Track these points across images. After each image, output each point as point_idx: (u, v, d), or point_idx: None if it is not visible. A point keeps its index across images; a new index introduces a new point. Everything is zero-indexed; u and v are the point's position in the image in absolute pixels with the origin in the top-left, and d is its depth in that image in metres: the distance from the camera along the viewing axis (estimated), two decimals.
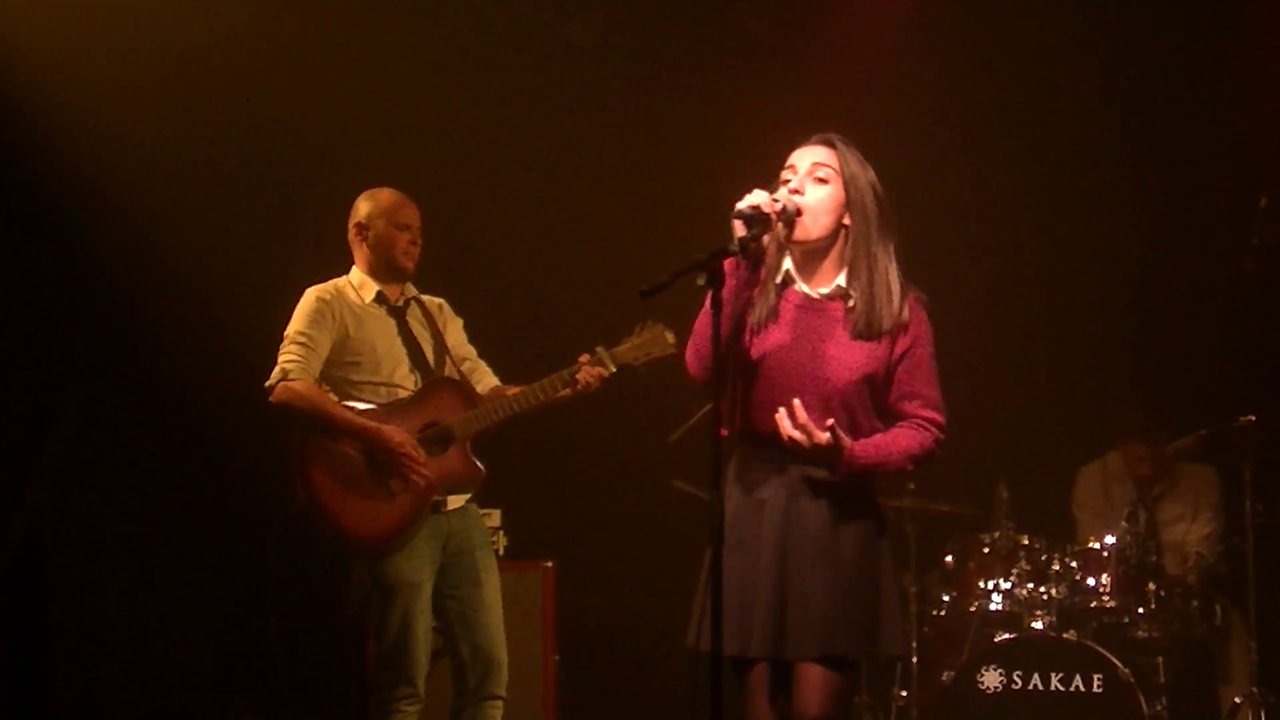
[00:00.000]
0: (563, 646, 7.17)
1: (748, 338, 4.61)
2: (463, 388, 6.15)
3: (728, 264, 4.42)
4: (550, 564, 7.10)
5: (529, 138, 8.38)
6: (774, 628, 4.51)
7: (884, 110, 7.83)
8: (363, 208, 6.20)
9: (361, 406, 5.98)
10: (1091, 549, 7.23)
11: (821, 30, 8.38)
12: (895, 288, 4.59)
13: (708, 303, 4.41)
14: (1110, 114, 8.32)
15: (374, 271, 6.19)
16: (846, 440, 4.51)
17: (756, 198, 4.48)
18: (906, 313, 4.60)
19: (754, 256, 4.53)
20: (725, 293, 4.37)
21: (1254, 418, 7.04)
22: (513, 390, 6.13)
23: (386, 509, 5.90)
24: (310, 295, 6.11)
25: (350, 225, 6.22)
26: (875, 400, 4.64)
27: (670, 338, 6.00)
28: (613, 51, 8.49)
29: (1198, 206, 8.17)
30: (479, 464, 6.07)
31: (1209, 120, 8.14)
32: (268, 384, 5.94)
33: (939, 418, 4.64)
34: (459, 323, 6.38)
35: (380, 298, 6.17)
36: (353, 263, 6.24)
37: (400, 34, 8.19)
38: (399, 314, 6.19)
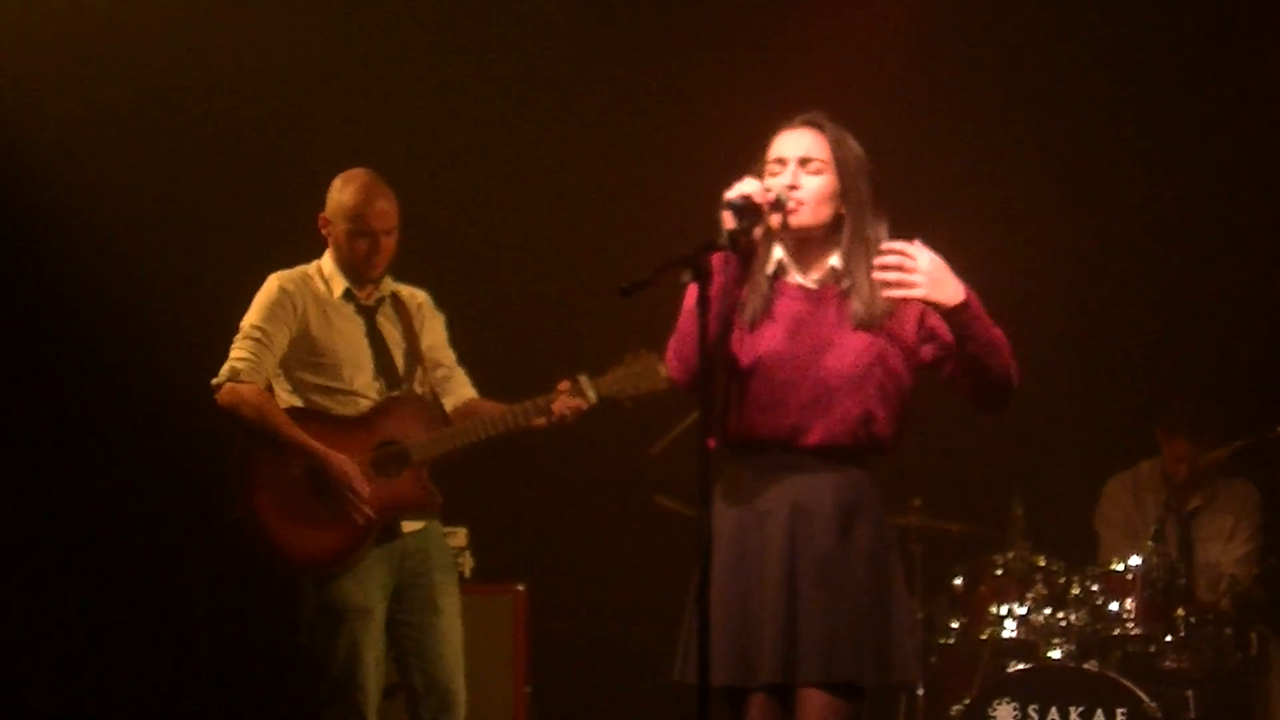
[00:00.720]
0: (535, 677, 7.02)
1: (739, 337, 4.51)
2: (426, 406, 5.96)
3: (715, 259, 4.30)
4: (521, 587, 6.95)
5: (504, 121, 8.22)
6: (784, 650, 4.38)
7: (885, 92, 7.65)
8: (330, 199, 5.97)
9: (341, 410, 5.83)
10: (1114, 571, 7.02)
11: (811, 5, 8.20)
12: None
13: (689, 300, 4.36)
14: (1147, 99, 8.14)
15: (341, 268, 5.96)
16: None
17: (747, 187, 4.40)
18: None
19: (744, 251, 4.41)
20: (713, 290, 4.26)
21: None
22: (486, 409, 5.99)
23: (327, 531, 5.74)
24: (273, 283, 5.90)
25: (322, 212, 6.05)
26: (898, 391, 4.52)
27: (664, 371, 5.66)
28: (591, 30, 8.33)
29: (1233, 196, 8.02)
30: (434, 490, 5.90)
31: (1257, 108, 7.94)
32: (215, 381, 5.77)
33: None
34: (440, 321, 6.16)
35: (349, 294, 5.95)
36: (326, 247, 6.02)
37: (366, 15, 8.09)
38: (369, 313, 5.97)
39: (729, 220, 4.33)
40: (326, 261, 5.97)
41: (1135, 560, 6.99)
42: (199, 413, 5.88)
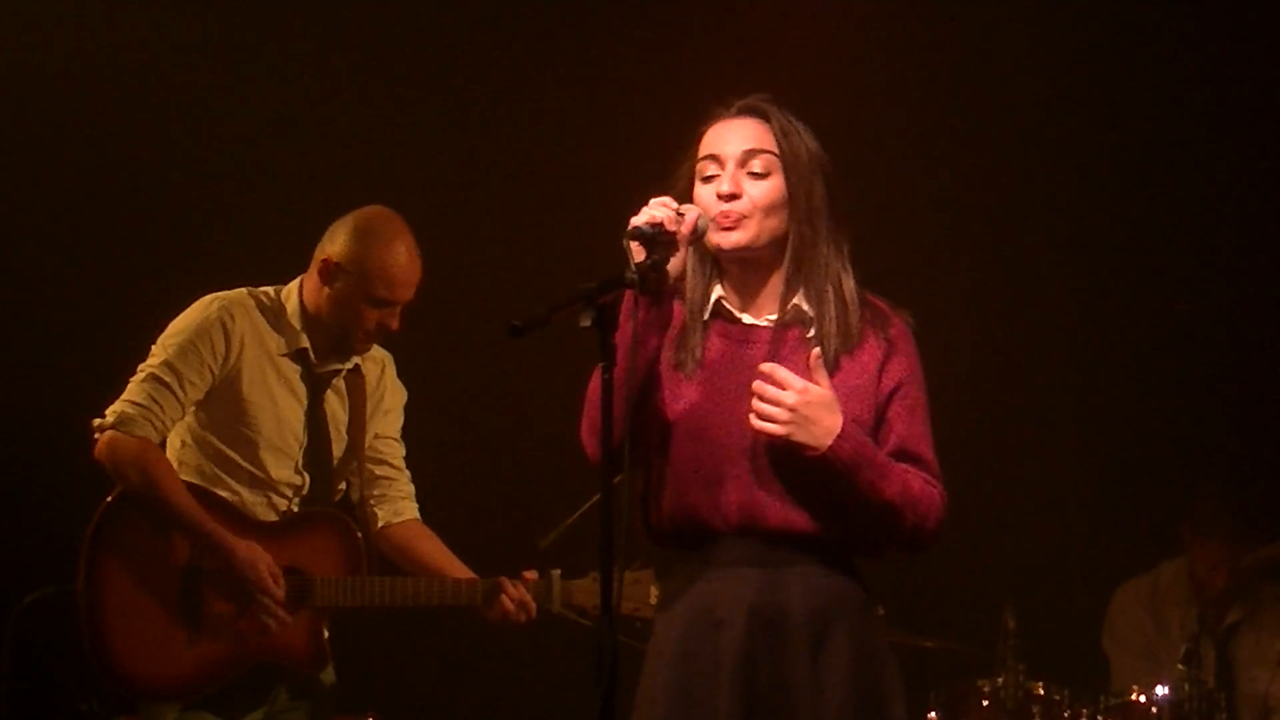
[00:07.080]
0: None
1: (670, 396, 4.37)
2: (350, 536, 5.67)
3: (623, 300, 4.21)
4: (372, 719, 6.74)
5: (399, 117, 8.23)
6: None
7: (849, 91, 7.63)
8: (341, 244, 5.59)
9: (250, 499, 5.62)
10: (1135, 702, 7.01)
11: None
12: (854, 300, 4.42)
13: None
14: (1164, 114, 8.08)
15: (314, 323, 5.61)
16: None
17: (657, 211, 4.25)
18: (893, 330, 4.41)
19: (655, 289, 4.25)
20: (619, 337, 4.11)
21: None
22: (422, 552, 5.87)
23: (181, 652, 5.51)
24: (208, 308, 5.55)
25: (320, 250, 5.63)
26: None
27: (655, 597, 5.51)
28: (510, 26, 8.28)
29: (1262, 229, 8.03)
30: (326, 648, 5.65)
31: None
32: (97, 423, 5.39)
33: (942, 488, 4.39)
34: (399, 400, 5.88)
35: (302, 356, 5.60)
36: (300, 278, 5.67)
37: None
38: (318, 386, 5.67)
39: (637, 253, 4.19)
40: (293, 300, 5.61)
41: (1161, 689, 7.01)
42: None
